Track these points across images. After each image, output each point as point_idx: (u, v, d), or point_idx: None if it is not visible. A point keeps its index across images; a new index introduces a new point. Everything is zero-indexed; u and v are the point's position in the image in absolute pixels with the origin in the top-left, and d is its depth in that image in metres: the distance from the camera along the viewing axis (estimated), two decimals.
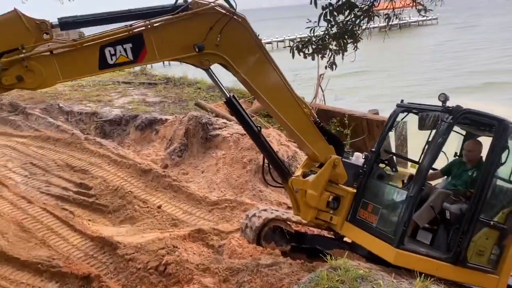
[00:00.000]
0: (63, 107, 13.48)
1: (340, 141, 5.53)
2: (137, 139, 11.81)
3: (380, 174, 5.25)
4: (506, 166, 4.90)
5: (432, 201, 4.94)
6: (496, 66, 29.40)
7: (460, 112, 4.60)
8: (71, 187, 8.48)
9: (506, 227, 4.85)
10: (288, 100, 4.97)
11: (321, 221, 5.37)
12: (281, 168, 5.33)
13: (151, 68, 21.47)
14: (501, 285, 4.95)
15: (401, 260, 4.55)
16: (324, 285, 2.83)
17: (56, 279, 5.70)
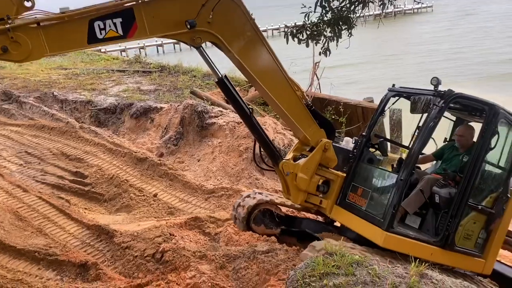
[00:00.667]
0: (57, 95, 13.40)
1: (331, 125, 5.50)
2: (132, 128, 11.78)
3: (370, 158, 5.26)
4: (495, 151, 4.93)
5: (421, 185, 4.93)
6: (491, 57, 29.39)
7: (451, 96, 4.59)
8: (67, 176, 8.47)
9: (493, 211, 4.89)
10: (281, 82, 4.91)
11: (311, 204, 5.37)
12: (272, 151, 5.26)
13: (145, 56, 21.38)
14: (487, 269, 5.00)
15: (389, 243, 4.56)
16: (320, 270, 2.86)
17: (53, 267, 5.72)
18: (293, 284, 2.84)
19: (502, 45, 32.22)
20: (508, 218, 5.04)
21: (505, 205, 4.93)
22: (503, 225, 5.00)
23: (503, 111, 4.77)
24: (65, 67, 18.18)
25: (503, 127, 4.93)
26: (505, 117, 4.83)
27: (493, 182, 5.05)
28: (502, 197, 4.92)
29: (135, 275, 5.55)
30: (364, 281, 2.76)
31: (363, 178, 5.12)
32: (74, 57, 21.10)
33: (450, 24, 45.94)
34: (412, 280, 2.78)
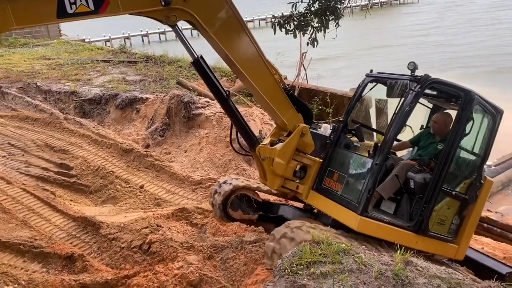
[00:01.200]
0: (41, 86, 13.18)
1: (309, 110, 5.46)
2: (118, 119, 11.66)
3: (346, 144, 5.27)
4: (470, 137, 4.98)
5: (397, 171, 4.96)
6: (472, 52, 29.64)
7: (428, 81, 4.59)
8: (52, 168, 8.37)
9: (467, 197, 4.96)
10: (259, 64, 4.82)
11: (287, 189, 5.35)
12: (249, 135, 5.20)
13: (130, 47, 21.11)
14: (459, 254, 5.09)
15: (364, 227, 4.59)
16: (307, 259, 2.88)
17: (39, 259, 5.67)
18: (280, 273, 2.86)
19: (487, 38, 32.54)
20: (481, 204, 5.12)
21: (478, 191, 5.00)
22: (476, 211, 5.08)
23: (478, 97, 4.80)
24: (48, 57, 17.87)
25: (478, 114, 4.97)
26: (480, 104, 4.86)
27: (467, 168, 5.10)
28: (476, 183, 4.98)
29: (122, 266, 5.52)
30: (351, 269, 2.79)
31: (339, 163, 5.14)
32: (58, 47, 20.76)
33: (437, 15, 46.20)
34: (398, 267, 2.82)
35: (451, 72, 22.86)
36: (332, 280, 2.68)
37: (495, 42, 30.03)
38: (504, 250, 6.92)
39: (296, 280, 2.70)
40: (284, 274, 2.80)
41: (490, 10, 45.32)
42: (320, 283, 2.68)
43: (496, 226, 8.41)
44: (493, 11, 43.99)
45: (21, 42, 22.05)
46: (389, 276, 2.75)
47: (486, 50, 27.74)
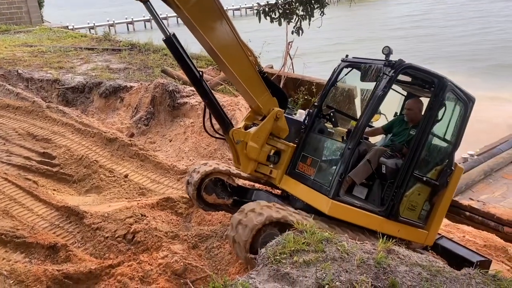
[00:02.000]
0: (22, 73, 12.93)
1: (285, 94, 5.40)
2: (101, 107, 11.52)
3: (320, 129, 5.25)
4: (442, 124, 5.01)
5: (369, 156, 4.97)
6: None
7: (402, 66, 4.57)
8: (34, 157, 8.24)
9: (438, 183, 5.00)
10: (233, 44, 4.71)
11: (261, 174, 5.30)
12: (222, 118, 5.11)
13: (115, 34, 20.81)
14: (429, 240, 5.16)
15: (335, 211, 4.60)
16: (291, 247, 2.90)
17: (21, 249, 5.60)
18: (264, 261, 2.87)
19: (474, 29, 32.80)
20: (451, 191, 5.20)
21: (449, 177, 5.05)
22: (446, 197, 5.15)
23: (451, 84, 4.82)
24: (30, 44, 17.52)
25: (450, 101, 5.00)
26: (453, 91, 4.89)
27: (439, 155, 5.15)
28: (447, 170, 5.03)
29: (106, 256, 5.49)
30: (333, 257, 2.82)
31: (313, 148, 5.14)
32: (40, 34, 20.36)
33: (423, 5, 46.36)
34: (380, 255, 2.86)
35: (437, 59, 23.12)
36: (315, 268, 2.70)
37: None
38: (485, 238, 7.06)
39: (280, 269, 2.72)
40: (268, 263, 2.81)
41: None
42: (303, 271, 2.70)
43: (478, 215, 8.57)
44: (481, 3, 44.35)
45: (2, 29, 21.56)
46: (371, 264, 2.78)
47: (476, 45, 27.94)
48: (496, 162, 10.17)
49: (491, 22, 34.12)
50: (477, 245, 6.77)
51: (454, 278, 2.79)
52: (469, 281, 2.79)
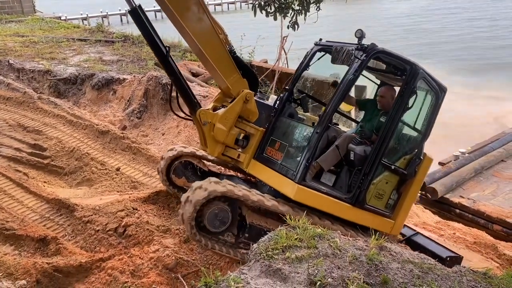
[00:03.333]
0: (13, 64, 12.77)
1: (255, 76, 5.22)
2: (94, 99, 11.42)
3: (290, 113, 5.14)
4: (413, 113, 4.94)
5: (338, 142, 4.90)
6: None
7: (374, 50, 4.48)
8: (25, 148, 8.15)
9: (406, 172, 4.93)
10: (202, 18, 4.48)
11: (228, 158, 5.14)
12: (189, 97, 4.92)
13: (108, 26, 20.62)
14: (395, 230, 5.12)
15: (300, 196, 4.52)
16: (283, 243, 2.88)
17: (11, 241, 5.54)
18: (256, 257, 2.85)
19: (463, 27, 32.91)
20: (419, 181, 5.15)
21: (417, 167, 5.00)
22: (414, 187, 5.11)
23: (423, 71, 4.75)
24: (22, 34, 17.31)
25: (422, 90, 4.93)
26: (425, 79, 4.81)
27: (408, 144, 5.10)
28: (416, 159, 4.98)
29: (97, 249, 5.45)
30: (326, 254, 2.81)
31: (282, 132, 5.02)
32: (32, 24, 20.12)
33: (417, 2, 46.42)
34: (372, 252, 2.86)
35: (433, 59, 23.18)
36: (307, 264, 2.70)
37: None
38: (475, 236, 7.13)
39: (272, 265, 2.71)
40: (260, 258, 2.80)
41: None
42: (295, 267, 2.69)
43: (468, 212, 8.66)
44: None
45: None
46: (363, 260, 2.78)
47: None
48: (487, 160, 10.26)
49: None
50: (467, 242, 6.83)
51: (446, 276, 2.80)
52: (460, 279, 2.80)
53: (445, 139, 13.68)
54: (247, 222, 4.60)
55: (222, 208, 4.52)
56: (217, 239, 4.64)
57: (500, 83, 19.43)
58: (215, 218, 4.51)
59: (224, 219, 4.55)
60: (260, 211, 4.68)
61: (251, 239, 4.57)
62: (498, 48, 25.63)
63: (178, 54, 13.98)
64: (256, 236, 4.53)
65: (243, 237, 4.62)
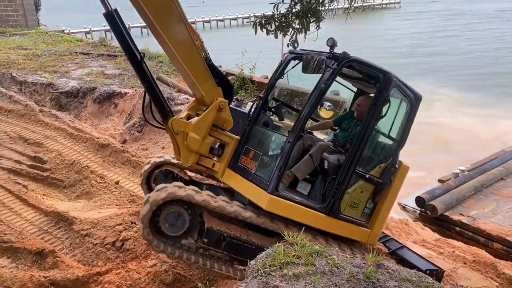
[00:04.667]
0: (16, 76, 12.87)
1: (230, 84, 5.15)
2: (95, 113, 11.48)
3: (265, 122, 5.09)
4: (387, 121, 4.89)
5: (312, 151, 4.85)
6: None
7: (345, 59, 4.43)
8: (25, 161, 8.17)
9: (381, 181, 4.87)
10: (177, 22, 4.39)
11: (203, 167, 5.05)
12: (162, 105, 4.80)
13: (111, 40, 20.79)
14: (372, 239, 5.04)
15: (273, 206, 4.46)
16: (281, 260, 2.88)
17: (8, 254, 5.53)
18: (253, 273, 2.85)
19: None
20: (396, 189, 5.08)
21: (393, 176, 4.94)
22: (391, 196, 5.05)
23: (396, 80, 4.69)
24: (25, 47, 17.46)
25: (396, 98, 4.87)
26: (399, 87, 4.77)
27: (383, 153, 5.04)
28: (391, 168, 4.92)
29: (94, 263, 5.44)
30: (323, 271, 2.81)
31: (256, 141, 4.96)
32: (36, 37, 20.31)
33: (417, 22, 46.88)
34: (369, 270, 2.85)
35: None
36: (304, 281, 2.69)
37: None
38: (474, 254, 7.08)
39: (269, 281, 2.70)
40: (257, 275, 2.79)
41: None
42: (292, 284, 2.68)
43: (468, 230, 8.61)
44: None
45: None
46: (361, 278, 2.77)
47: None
48: (486, 178, 10.25)
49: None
50: (466, 260, 6.79)
51: None
52: None
53: (446, 155, 13.72)
54: (205, 227, 4.54)
55: (180, 212, 4.51)
56: (173, 243, 4.60)
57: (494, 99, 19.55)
58: (171, 221, 4.51)
59: (180, 223, 4.54)
60: (223, 217, 4.64)
61: (211, 244, 4.56)
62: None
63: None
64: (216, 242, 4.56)
65: (200, 241, 4.56)
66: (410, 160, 13.56)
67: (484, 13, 48.21)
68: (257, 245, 4.64)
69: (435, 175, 11.58)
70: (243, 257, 4.58)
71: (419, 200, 9.23)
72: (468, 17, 46.81)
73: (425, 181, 11.92)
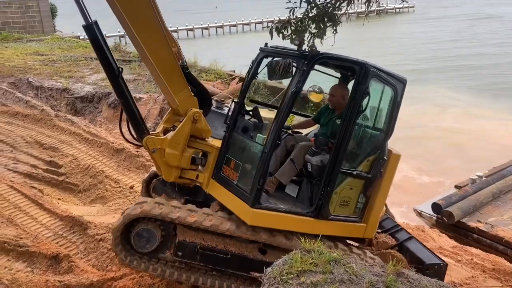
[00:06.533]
0: (32, 82, 13.05)
1: (208, 94, 4.93)
2: (110, 117, 11.56)
3: (244, 127, 4.80)
4: (371, 113, 4.63)
5: (293, 155, 4.67)
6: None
7: (316, 57, 4.16)
8: (40, 165, 8.25)
9: (370, 175, 4.63)
10: (153, 26, 4.18)
11: (187, 180, 4.85)
12: (137, 122, 4.59)
13: (125, 45, 21.01)
14: (368, 233, 4.83)
15: (257, 220, 4.27)
16: (298, 267, 2.82)
17: (24, 258, 5.56)
18: (270, 281, 2.80)
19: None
20: (389, 180, 4.80)
21: (382, 168, 4.67)
22: (384, 187, 4.78)
23: (374, 69, 4.36)
24: (41, 53, 17.72)
25: (377, 87, 4.57)
26: (378, 76, 4.46)
27: (370, 145, 4.73)
28: (380, 160, 4.64)
29: (109, 268, 5.44)
30: (342, 279, 2.75)
31: (236, 149, 4.71)
32: (52, 43, 20.61)
33: (431, 26, 46.51)
34: (389, 278, 2.78)
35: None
36: None
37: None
38: (493, 262, 6.93)
39: None
40: (274, 283, 2.74)
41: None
42: None
43: (486, 237, 8.44)
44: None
45: (15, 37, 21.87)
46: (380, 287, 2.71)
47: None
48: (505, 184, 10.05)
49: None
50: (485, 268, 6.65)
51: None
52: None
53: (463, 160, 13.51)
54: (178, 240, 4.42)
55: (151, 230, 4.42)
56: (140, 258, 4.50)
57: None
58: (141, 237, 4.42)
59: (151, 240, 4.43)
60: (198, 228, 4.44)
61: (186, 257, 4.43)
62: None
63: (194, 74, 14.13)
64: (190, 254, 4.41)
65: (174, 255, 4.45)
66: (426, 165, 13.41)
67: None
68: (234, 253, 4.46)
69: (451, 181, 11.41)
70: (222, 267, 4.47)
71: (435, 206, 9.08)
72: (489, 21, 46.27)
73: (441, 187, 11.76)
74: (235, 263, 4.48)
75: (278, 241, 4.36)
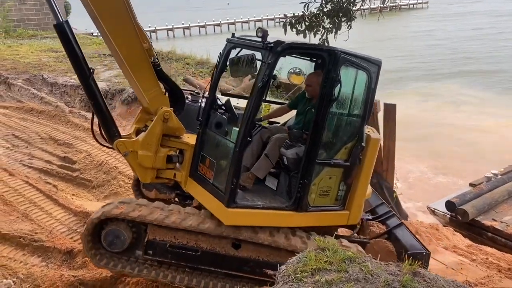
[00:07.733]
0: (47, 78, 13.17)
1: (181, 92, 4.83)
2: (123, 114, 11.62)
3: (217, 122, 4.67)
4: (345, 99, 4.46)
5: (268, 149, 4.56)
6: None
7: (281, 48, 3.95)
8: (55, 161, 8.33)
9: (348, 163, 4.51)
10: (122, 18, 4.05)
11: (165, 179, 4.77)
12: (108, 125, 4.48)
13: None
14: (352, 219, 4.74)
15: (235, 220, 4.19)
16: (312, 266, 2.80)
17: (39, 253, 5.63)
18: (284, 279, 2.78)
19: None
20: (369, 164, 4.68)
21: (361, 153, 4.55)
22: (365, 172, 4.67)
23: (344, 55, 4.19)
24: (56, 49, 17.86)
25: (349, 72, 4.40)
26: (349, 62, 4.29)
27: (346, 133, 4.59)
28: (358, 147, 4.51)
29: None
30: (357, 278, 2.71)
31: (210, 147, 4.61)
32: None
33: (447, 22, 45.93)
34: (405, 278, 2.74)
35: None
36: None
37: None
38: (509, 261, 6.83)
39: (300, 287, 2.63)
40: (288, 281, 2.72)
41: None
42: None
43: (501, 236, 8.33)
44: None
45: (30, 34, 22.10)
46: (396, 286, 2.67)
47: None
48: None
49: None
50: (501, 268, 6.55)
51: None
52: None
53: (478, 158, 13.33)
54: (148, 238, 4.39)
55: (120, 230, 4.41)
56: (111, 256, 4.51)
57: None
58: (110, 237, 4.43)
59: (121, 240, 4.43)
60: (170, 227, 4.38)
61: (157, 255, 4.40)
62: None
63: (206, 71, 14.14)
64: (162, 252, 4.38)
65: (146, 254, 4.42)
66: (440, 163, 13.22)
67: None
68: (205, 249, 4.40)
69: (466, 179, 11.27)
70: (193, 264, 4.43)
71: (449, 204, 8.98)
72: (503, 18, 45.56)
73: (455, 185, 11.62)
74: (207, 260, 4.44)
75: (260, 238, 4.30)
